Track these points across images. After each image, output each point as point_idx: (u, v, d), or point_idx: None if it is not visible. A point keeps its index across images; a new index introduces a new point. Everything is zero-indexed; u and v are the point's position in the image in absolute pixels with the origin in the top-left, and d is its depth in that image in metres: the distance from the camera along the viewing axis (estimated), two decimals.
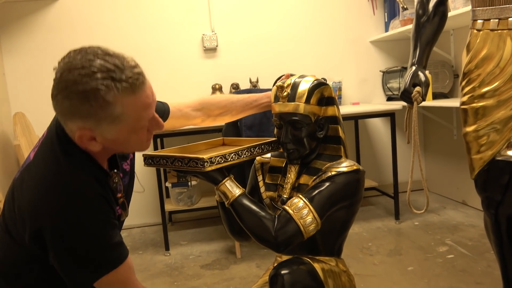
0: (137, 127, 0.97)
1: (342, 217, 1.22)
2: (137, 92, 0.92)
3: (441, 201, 3.29)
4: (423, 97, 1.37)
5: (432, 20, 1.43)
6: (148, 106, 0.96)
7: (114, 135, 0.95)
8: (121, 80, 0.89)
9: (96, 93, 0.87)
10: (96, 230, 0.97)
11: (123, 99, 0.90)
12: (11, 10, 2.99)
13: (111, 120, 0.92)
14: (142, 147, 1.05)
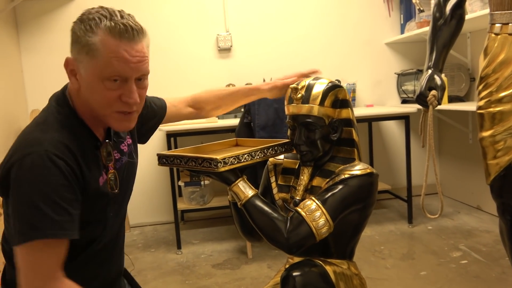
0: (104, 73, 0.95)
1: (355, 220, 1.21)
2: (120, 39, 0.95)
3: (455, 206, 3.25)
4: (438, 101, 1.35)
5: (449, 23, 1.41)
6: (123, 60, 0.95)
7: (87, 71, 0.97)
8: (112, 21, 0.95)
9: (89, 20, 0.96)
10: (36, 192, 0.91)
11: (104, 35, 0.94)
12: (29, 9, 3.04)
13: (87, 51, 0.95)
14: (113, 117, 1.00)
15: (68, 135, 0.98)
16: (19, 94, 2.96)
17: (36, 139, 0.95)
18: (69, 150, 0.96)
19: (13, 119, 2.79)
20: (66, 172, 0.93)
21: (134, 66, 0.97)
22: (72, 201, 0.94)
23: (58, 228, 0.91)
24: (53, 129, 0.98)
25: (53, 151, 0.93)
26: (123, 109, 1.00)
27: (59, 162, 0.93)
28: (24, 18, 3.05)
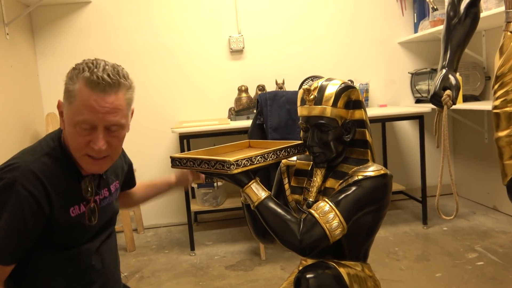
0: (75, 119, 1.04)
1: (369, 222, 1.21)
2: (94, 90, 1.03)
3: (470, 206, 3.21)
4: (453, 100, 1.34)
5: (464, 22, 1.39)
6: (92, 109, 1.03)
7: (66, 115, 1.07)
8: (91, 72, 1.03)
9: (75, 69, 1.06)
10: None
11: (81, 85, 1.03)
12: (45, 14, 3.09)
13: (67, 97, 1.06)
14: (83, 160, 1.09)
15: (45, 166, 1.07)
16: (35, 97, 3.01)
17: (13, 164, 1.04)
18: (39, 181, 1.04)
19: (29, 122, 2.84)
20: (26, 204, 1.01)
21: (101, 117, 1.04)
22: (20, 232, 1.03)
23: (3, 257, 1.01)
24: (34, 158, 1.07)
25: (21, 181, 1.02)
26: (92, 153, 1.08)
27: (22, 193, 1.01)
28: (39, 23, 3.10)
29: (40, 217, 1.05)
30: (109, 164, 1.14)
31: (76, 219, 1.12)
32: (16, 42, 2.78)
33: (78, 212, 1.13)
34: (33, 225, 1.04)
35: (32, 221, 1.03)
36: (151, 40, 3.16)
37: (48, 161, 1.08)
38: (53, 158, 1.09)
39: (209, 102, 3.27)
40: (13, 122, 2.59)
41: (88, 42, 3.11)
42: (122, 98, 1.07)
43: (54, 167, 1.08)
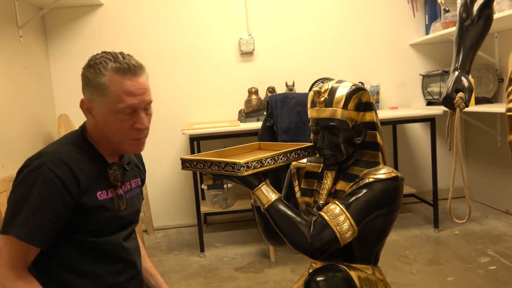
0: (116, 108, 1.09)
1: (380, 225, 1.20)
2: (125, 75, 1.09)
3: (483, 210, 3.17)
4: (466, 103, 1.32)
5: (477, 23, 1.38)
6: (131, 94, 1.10)
7: (101, 109, 1.11)
8: (116, 61, 1.10)
9: (97, 64, 1.10)
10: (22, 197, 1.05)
11: (112, 75, 1.09)
12: (57, 16, 3.12)
13: (99, 90, 1.10)
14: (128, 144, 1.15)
15: (71, 151, 1.12)
16: (47, 99, 3.04)
17: (41, 153, 1.10)
18: (66, 164, 1.08)
19: (41, 123, 2.87)
20: (51, 184, 1.05)
21: (141, 98, 1.12)
22: (48, 212, 1.05)
23: (22, 232, 1.03)
24: (59, 146, 1.13)
25: (49, 165, 1.06)
26: (136, 136, 1.15)
27: (48, 174, 1.05)
28: (52, 26, 3.13)
29: (67, 200, 1.07)
30: (145, 143, 1.19)
31: (104, 203, 1.15)
32: (29, 44, 2.81)
33: (105, 196, 1.16)
34: (60, 206, 1.06)
35: (59, 202, 1.06)
36: (162, 42, 3.18)
37: (74, 149, 1.13)
38: (78, 147, 1.14)
39: (219, 104, 3.28)
40: (26, 123, 2.62)
41: (100, 44, 3.14)
42: (146, 78, 1.16)
43: (80, 154, 1.13)
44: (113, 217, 1.17)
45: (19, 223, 1.03)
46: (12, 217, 1.04)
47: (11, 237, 1.03)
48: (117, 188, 1.19)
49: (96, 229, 1.14)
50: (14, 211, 1.05)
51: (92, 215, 1.12)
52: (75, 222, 1.10)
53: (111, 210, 1.16)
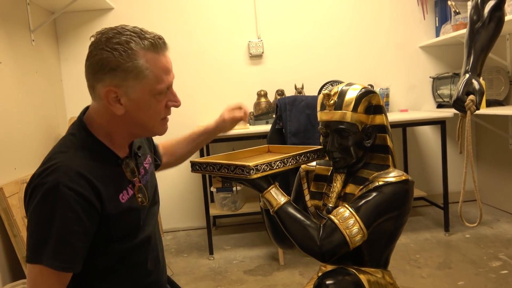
0: (157, 89, 1.02)
1: (390, 229, 1.19)
2: (159, 52, 1.02)
3: (494, 213, 3.14)
4: (477, 106, 1.31)
5: (488, 26, 1.36)
6: (168, 71, 1.05)
7: (137, 94, 1.01)
8: (146, 38, 1.00)
9: (125, 44, 0.97)
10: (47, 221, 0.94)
11: (147, 54, 1.00)
12: (69, 20, 3.16)
13: (136, 74, 0.99)
14: (159, 125, 1.09)
15: (84, 160, 1.01)
16: (58, 102, 3.07)
17: (50, 168, 0.97)
18: (83, 177, 0.97)
19: (53, 126, 2.90)
20: (75, 204, 0.95)
21: (172, 74, 1.07)
22: (79, 234, 0.96)
23: (58, 261, 0.94)
24: (69, 155, 1.00)
25: (66, 182, 0.94)
26: (167, 114, 1.10)
27: (68, 194, 0.94)
28: (63, 30, 3.17)
29: (93, 214, 0.98)
30: None
31: (127, 204, 1.07)
32: (41, 48, 2.85)
33: (127, 196, 1.08)
34: (89, 224, 0.97)
35: (87, 219, 0.97)
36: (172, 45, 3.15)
37: (84, 154, 1.02)
38: (87, 149, 1.03)
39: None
40: (37, 126, 2.65)
41: None
42: None
43: (92, 158, 1.02)
44: (138, 213, 1.11)
45: (51, 250, 0.93)
46: (41, 244, 0.93)
47: (44, 267, 0.93)
48: (135, 183, 1.12)
49: (123, 232, 1.08)
50: (40, 238, 0.94)
51: (118, 220, 1.05)
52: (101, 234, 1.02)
53: (135, 209, 1.10)
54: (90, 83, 1.03)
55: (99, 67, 0.98)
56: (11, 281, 2.08)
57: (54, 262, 0.93)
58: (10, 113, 2.32)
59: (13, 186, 2.16)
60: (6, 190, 2.06)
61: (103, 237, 1.03)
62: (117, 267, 1.09)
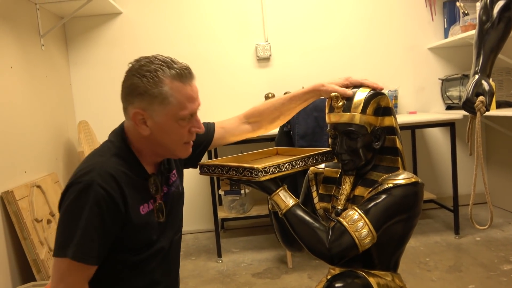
0: (180, 115, 1.09)
1: (399, 231, 1.18)
2: (184, 81, 1.09)
3: (505, 216, 3.10)
4: (486, 107, 1.30)
5: (497, 26, 1.35)
6: (192, 99, 1.11)
7: (161, 118, 1.08)
8: (173, 68, 1.08)
9: (153, 72, 1.07)
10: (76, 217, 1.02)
11: (172, 82, 1.08)
12: (78, 25, 3.18)
13: (160, 100, 1.07)
14: (182, 148, 1.14)
15: (117, 164, 1.09)
16: (68, 106, 3.10)
17: (86, 169, 1.06)
18: (115, 180, 1.06)
19: (62, 130, 2.92)
20: (103, 203, 1.03)
21: (198, 102, 1.14)
22: (103, 231, 1.04)
23: (81, 253, 1.01)
24: (104, 159, 1.09)
25: (99, 181, 1.03)
26: (190, 139, 1.16)
27: (101, 193, 1.02)
28: (72, 34, 3.20)
29: (117, 217, 1.06)
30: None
31: (146, 217, 1.13)
32: (51, 53, 2.88)
33: (147, 209, 1.14)
34: (111, 225, 1.05)
35: (110, 220, 1.04)
36: (180, 48, 3.21)
37: (118, 161, 1.10)
38: (121, 158, 1.11)
39: (235, 109, 3.25)
40: (47, 130, 2.67)
41: (119, 52, 3.19)
42: None
43: (124, 166, 1.10)
44: (153, 228, 1.16)
45: (76, 244, 1.00)
46: (68, 238, 1.01)
47: (71, 261, 1.01)
48: (156, 200, 1.17)
49: (137, 243, 1.13)
50: (69, 233, 1.02)
51: (135, 231, 1.11)
52: (119, 240, 1.08)
53: (152, 224, 1.15)
54: (124, 105, 1.12)
55: (130, 91, 1.09)
56: (21, 284, 2.10)
57: (76, 255, 1.00)
58: (20, 117, 2.34)
59: (23, 189, 2.17)
60: (16, 193, 2.08)
61: (117, 245, 1.08)
62: (123, 274, 1.13)
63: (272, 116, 1.39)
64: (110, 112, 3.20)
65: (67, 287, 1.02)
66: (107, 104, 3.16)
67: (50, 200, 2.36)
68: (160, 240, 1.18)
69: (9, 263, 2.06)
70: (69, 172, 2.92)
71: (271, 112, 1.39)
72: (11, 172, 2.18)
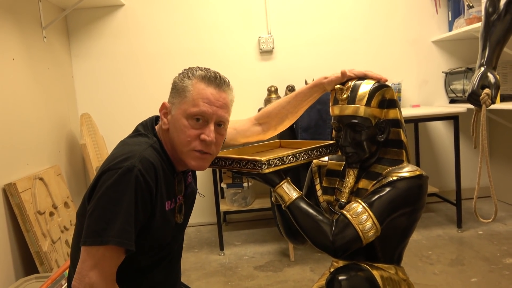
0: (190, 111, 1.08)
1: (403, 224, 1.18)
2: (208, 83, 1.10)
3: (508, 210, 3.09)
4: (492, 99, 1.29)
5: (504, 18, 1.34)
6: (208, 101, 1.09)
7: (176, 111, 1.10)
8: (205, 71, 1.12)
9: (189, 72, 1.13)
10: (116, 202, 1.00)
11: (197, 81, 1.10)
12: (80, 17, 3.17)
13: (180, 93, 1.10)
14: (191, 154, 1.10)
15: (154, 155, 1.08)
16: (70, 98, 3.09)
17: (130, 152, 1.05)
18: (154, 168, 1.05)
19: (64, 122, 2.92)
20: (140, 190, 1.02)
21: (215, 110, 1.10)
22: (135, 218, 1.01)
23: (124, 238, 0.99)
24: (143, 148, 1.08)
25: (139, 166, 1.02)
26: (200, 147, 1.10)
27: (140, 179, 1.01)
28: (74, 26, 3.18)
29: (147, 208, 1.05)
30: (210, 162, 1.15)
31: (168, 214, 1.13)
32: (53, 45, 2.87)
33: (169, 207, 1.14)
34: (141, 215, 1.03)
35: (141, 210, 1.03)
36: (183, 41, 3.20)
37: (154, 152, 1.09)
38: (156, 150, 1.11)
39: (238, 102, 3.23)
40: (49, 122, 2.67)
41: (121, 44, 3.18)
42: (229, 98, 1.15)
43: (159, 159, 1.10)
44: (171, 228, 1.16)
45: (118, 229, 0.98)
46: (107, 224, 0.98)
47: (109, 248, 0.99)
48: (178, 200, 1.17)
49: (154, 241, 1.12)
50: (108, 219, 0.99)
51: (156, 227, 1.09)
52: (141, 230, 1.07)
53: (170, 222, 1.15)
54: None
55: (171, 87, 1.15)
56: (24, 276, 2.11)
57: (121, 240, 0.99)
58: (22, 109, 2.34)
59: (25, 181, 2.17)
60: (19, 186, 2.08)
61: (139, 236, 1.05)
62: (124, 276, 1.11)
63: (280, 115, 1.38)
64: (112, 104, 3.19)
65: (101, 274, 0.99)
66: (110, 97, 3.15)
67: (53, 192, 2.36)
68: (171, 243, 1.18)
69: (12, 255, 2.07)
70: (71, 164, 2.92)
71: (279, 112, 1.38)
72: (14, 165, 2.18)
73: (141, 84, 3.19)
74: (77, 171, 3.03)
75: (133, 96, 3.18)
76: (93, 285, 0.99)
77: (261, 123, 1.41)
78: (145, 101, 3.19)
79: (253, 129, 1.41)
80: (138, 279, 1.16)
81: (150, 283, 1.18)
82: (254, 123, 1.42)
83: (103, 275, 1.00)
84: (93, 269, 0.99)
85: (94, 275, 0.99)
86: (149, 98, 3.17)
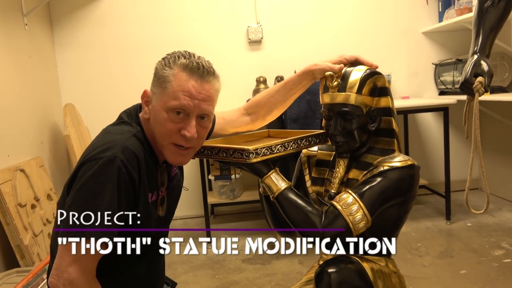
0: (170, 104, 1.02)
1: (394, 215, 1.15)
2: (191, 75, 1.03)
3: (496, 202, 3.11)
4: (485, 88, 1.26)
5: (498, 4, 1.31)
6: (189, 95, 1.03)
7: (156, 102, 1.05)
8: (189, 59, 1.05)
9: (170, 59, 1.06)
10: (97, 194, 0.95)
11: (178, 71, 1.04)
12: (63, 4, 3.08)
13: (161, 83, 1.04)
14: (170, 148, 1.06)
15: (137, 145, 1.03)
16: (53, 88, 3.01)
17: (112, 142, 1.00)
18: (137, 158, 1.01)
19: (47, 113, 2.84)
20: (123, 182, 0.97)
21: (197, 103, 1.04)
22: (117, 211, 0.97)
23: (105, 233, 0.95)
24: (126, 137, 1.03)
25: (121, 157, 0.97)
26: (180, 142, 1.05)
27: (123, 170, 0.97)
28: (57, 14, 3.09)
29: (130, 199, 1.00)
30: (191, 156, 1.11)
31: (151, 206, 1.09)
32: (35, 33, 2.78)
33: (151, 199, 1.09)
34: (124, 206, 0.99)
35: (124, 202, 0.98)
36: (168, 30, 3.13)
37: (137, 142, 1.04)
38: (140, 140, 1.06)
39: (227, 93, 3.18)
40: (31, 112, 2.59)
41: (105, 33, 3.10)
42: (214, 88, 1.08)
43: (141, 149, 1.05)
44: (153, 221, 1.11)
45: (99, 223, 0.94)
46: (88, 217, 0.94)
47: (89, 241, 0.94)
48: (160, 192, 1.13)
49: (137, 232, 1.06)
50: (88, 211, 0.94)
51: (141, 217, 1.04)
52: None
53: (153, 215, 1.10)
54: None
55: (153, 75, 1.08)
56: (4, 270, 2.05)
57: (104, 234, 0.94)
58: (3, 99, 2.26)
59: (6, 173, 2.11)
60: None
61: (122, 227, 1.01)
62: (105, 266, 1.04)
63: (269, 104, 1.33)
64: (96, 94, 3.12)
65: (81, 269, 0.95)
66: (94, 87, 3.08)
67: (35, 184, 2.29)
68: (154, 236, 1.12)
69: None
70: (54, 156, 2.85)
71: (267, 101, 1.33)
72: None
73: (126, 74, 3.12)
74: (61, 163, 2.96)
75: (118, 86, 3.11)
76: (72, 281, 0.94)
77: (250, 113, 1.36)
78: (130, 91, 3.10)
79: (242, 119, 1.36)
80: (120, 272, 1.11)
81: (132, 276, 1.13)
82: (243, 113, 1.37)
83: (83, 270, 0.96)
84: (72, 264, 0.95)
85: (73, 271, 0.95)
86: (135, 88, 3.07)
